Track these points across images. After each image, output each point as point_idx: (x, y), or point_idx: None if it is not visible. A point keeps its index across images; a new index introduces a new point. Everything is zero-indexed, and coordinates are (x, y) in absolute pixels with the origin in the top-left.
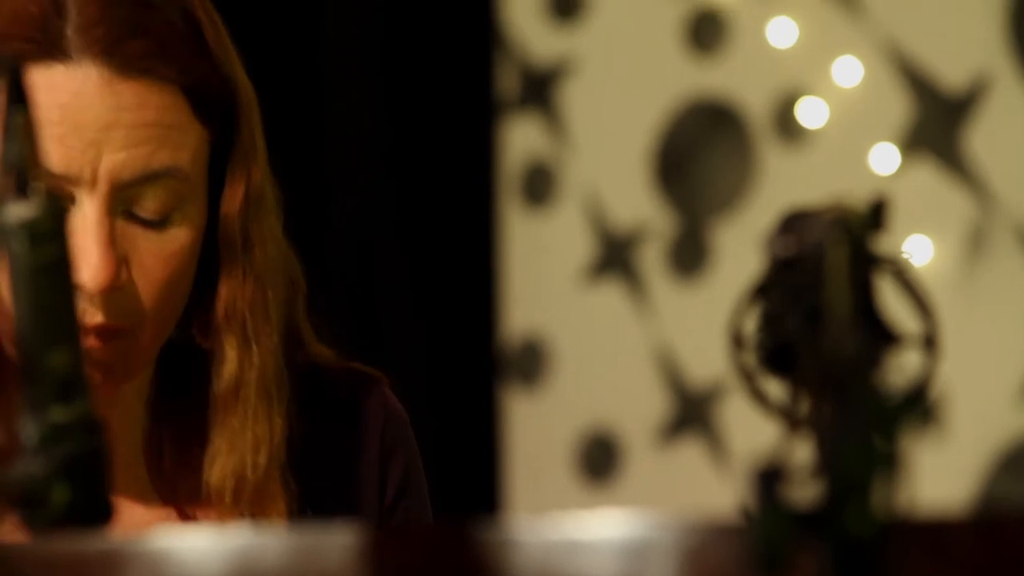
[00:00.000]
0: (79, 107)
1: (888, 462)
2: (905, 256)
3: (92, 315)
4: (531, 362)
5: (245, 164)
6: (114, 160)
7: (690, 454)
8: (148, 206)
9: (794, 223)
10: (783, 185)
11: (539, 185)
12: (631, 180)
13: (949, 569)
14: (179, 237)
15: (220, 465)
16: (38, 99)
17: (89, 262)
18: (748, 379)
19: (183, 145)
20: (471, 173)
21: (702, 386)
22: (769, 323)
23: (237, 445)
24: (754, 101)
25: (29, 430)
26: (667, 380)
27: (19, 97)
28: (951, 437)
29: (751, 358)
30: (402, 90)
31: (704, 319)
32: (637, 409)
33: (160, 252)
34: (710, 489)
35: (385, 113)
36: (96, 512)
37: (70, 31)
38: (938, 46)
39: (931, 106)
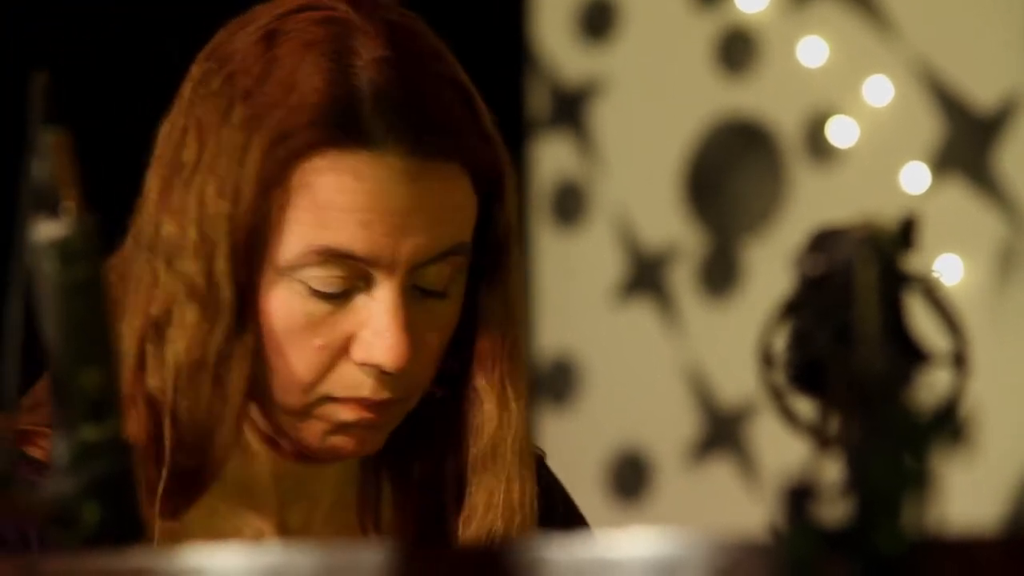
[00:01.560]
0: (384, 193)
1: (918, 480)
2: (935, 275)
3: (376, 391)
4: (562, 381)
5: (507, 229)
6: (414, 243)
7: (720, 473)
8: (433, 280)
9: (824, 242)
10: (813, 204)
11: (570, 204)
12: (662, 199)
13: None
14: (453, 305)
15: (476, 525)
16: (342, 183)
17: (387, 343)
18: (778, 398)
19: (467, 220)
20: None
21: (732, 405)
22: (799, 341)
23: (494, 504)
24: (785, 120)
25: (60, 449)
26: (697, 399)
27: (51, 115)
28: (981, 455)
29: (781, 377)
30: None
31: (734, 338)
32: (667, 428)
33: (437, 322)
34: (740, 508)
35: None
36: (126, 531)
37: (371, 118)
38: (969, 65)
39: (962, 125)
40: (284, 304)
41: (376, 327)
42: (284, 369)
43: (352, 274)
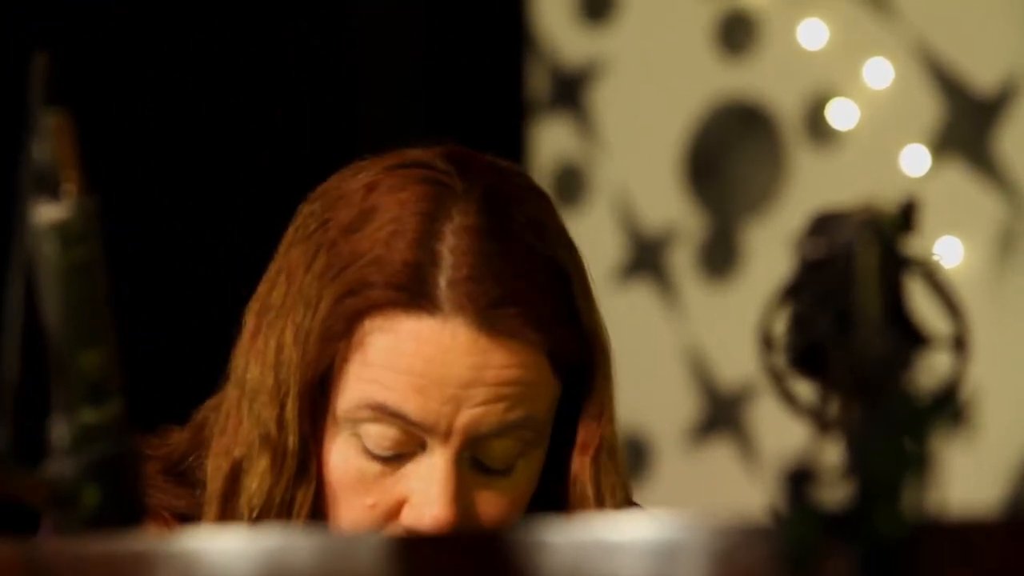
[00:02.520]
0: (444, 362)
1: (918, 464)
2: (935, 257)
3: None
4: None
5: (599, 415)
6: (472, 415)
7: (720, 455)
8: (496, 455)
9: (824, 224)
10: (813, 186)
11: (570, 186)
12: (662, 181)
13: (978, 571)
14: (521, 482)
15: None
16: (401, 346)
17: (434, 514)
18: (778, 380)
19: (539, 398)
20: None
21: (732, 387)
22: (799, 324)
23: None
24: (785, 102)
25: (60, 432)
26: (697, 381)
27: (51, 97)
28: (981, 439)
29: (781, 359)
30: (433, 91)
31: (734, 320)
32: (667, 410)
33: (501, 498)
34: (740, 490)
35: (417, 114)
36: (126, 514)
37: (444, 284)
38: (969, 47)
39: (962, 107)
40: (340, 457)
41: (425, 496)
42: (342, 519)
43: (406, 438)
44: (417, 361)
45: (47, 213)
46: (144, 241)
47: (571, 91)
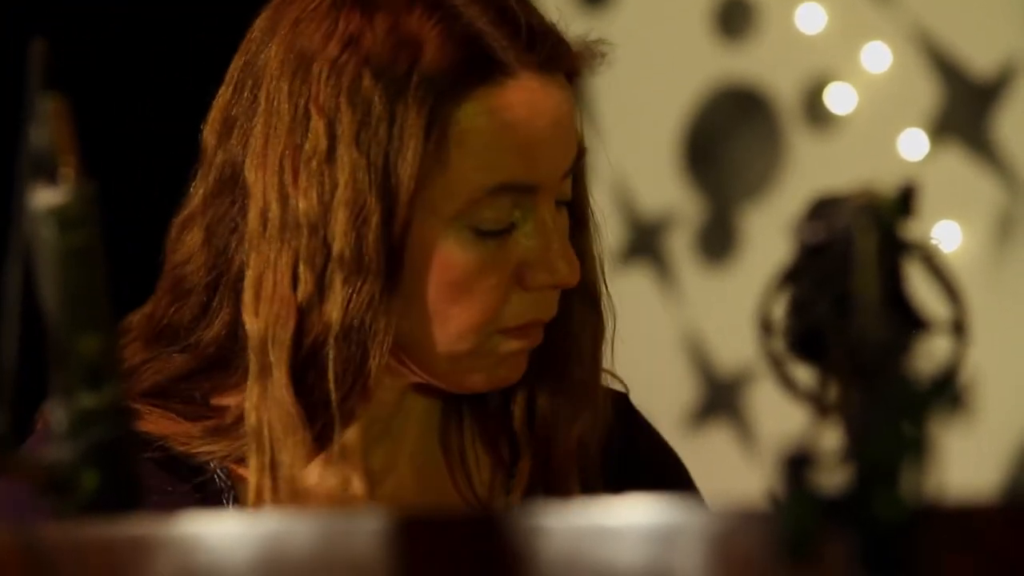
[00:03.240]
0: (535, 117)
1: (917, 448)
2: (934, 242)
3: (546, 311)
4: None
5: (583, 129)
6: (560, 157)
7: (718, 440)
8: (565, 189)
9: (822, 209)
10: (811, 171)
11: None
12: (659, 166)
13: (978, 555)
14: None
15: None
16: (495, 120)
17: (566, 260)
18: (777, 365)
19: (577, 125)
20: None
21: (730, 372)
22: (798, 309)
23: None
24: (783, 87)
25: (58, 416)
26: (695, 366)
27: (48, 82)
28: (980, 423)
29: (779, 344)
30: None
31: (733, 305)
32: (665, 394)
33: (567, 229)
34: (738, 475)
35: None
36: (125, 497)
37: (501, 50)
38: (967, 32)
39: (960, 92)
40: (456, 254)
41: (552, 249)
42: (461, 316)
43: (516, 205)
44: (514, 130)
45: (45, 198)
46: (141, 225)
47: None
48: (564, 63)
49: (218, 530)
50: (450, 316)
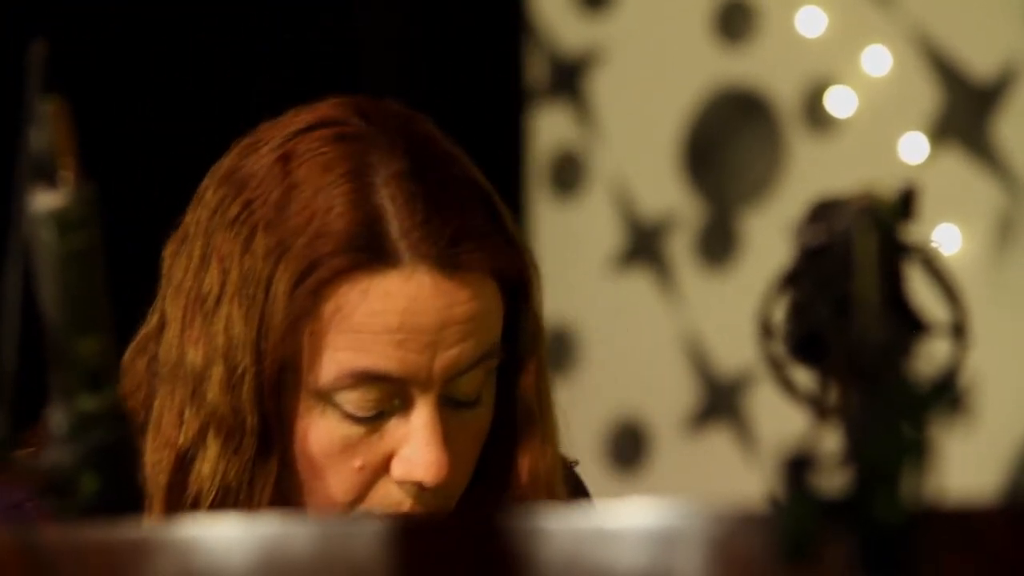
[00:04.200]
0: (416, 312)
1: (917, 450)
2: (934, 245)
3: (416, 506)
4: (560, 351)
5: (536, 335)
6: (448, 357)
7: (718, 442)
8: (466, 390)
9: (823, 212)
10: (812, 174)
11: (568, 174)
12: (660, 169)
13: (978, 557)
14: (486, 412)
15: None
16: (373, 307)
17: (428, 460)
18: (777, 368)
19: (497, 323)
20: (500, 162)
21: (731, 375)
22: (798, 312)
23: None
24: (783, 90)
25: (58, 419)
26: (696, 369)
27: (47, 85)
28: (980, 425)
29: (780, 347)
30: (432, 79)
31: (733, 307)
32: (665, 398)
33: (471, 430)
34: (738, 478)
35: (414, 102)
36: (124, 501)
37: (396, 235)
38: (967, 35)
39: (960, 95)
40: (320, 429)
41: (415, 444)
42: (322, 492)
43: (387, 395)
44: (391, 318)
45: (45, 200)
46: (141, 228)
47: (570, 78)
48: (483, 264)
49: (217, 533)
50: (315, 489)
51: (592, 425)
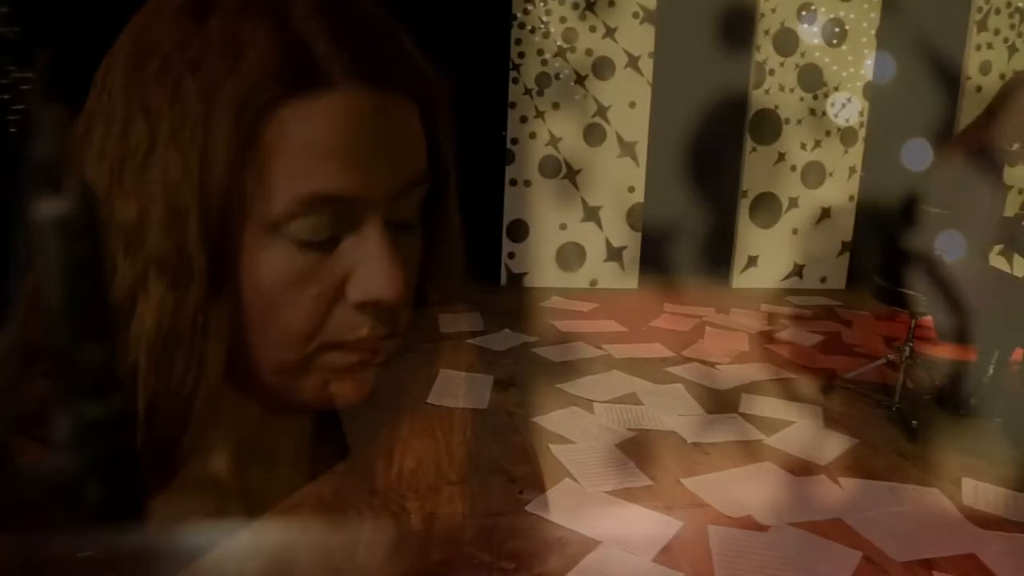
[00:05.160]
0: (356, 131)
1: None
2: None
3: (375, 328)
4: None
5: (450, 154)
6: (391, 176)
7: None
8: (404, 213)
9: None
10: None
11: None
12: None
13: None
14: (419, 239)
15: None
16: (315, 129)
17: (385, 277)
18: None
19: (423, 149)
20: (499, 164)
21: None
22: None
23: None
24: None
25: (61, 426)
26: None
27: (53, 93)
28: None
29: None
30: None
31: None
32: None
33: (411, 254)
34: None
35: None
36: (127, 508)
37: (327, 60)
38: None
39: None
40: (274, 261)
41: (370, 264)
42: (280, 325)
43: (338, 218)
44: (333, 137)
45: (48, 208)
46: None
47: None
48: (407, 85)
49: (221, 541)
50: (270, 324)
51: None
